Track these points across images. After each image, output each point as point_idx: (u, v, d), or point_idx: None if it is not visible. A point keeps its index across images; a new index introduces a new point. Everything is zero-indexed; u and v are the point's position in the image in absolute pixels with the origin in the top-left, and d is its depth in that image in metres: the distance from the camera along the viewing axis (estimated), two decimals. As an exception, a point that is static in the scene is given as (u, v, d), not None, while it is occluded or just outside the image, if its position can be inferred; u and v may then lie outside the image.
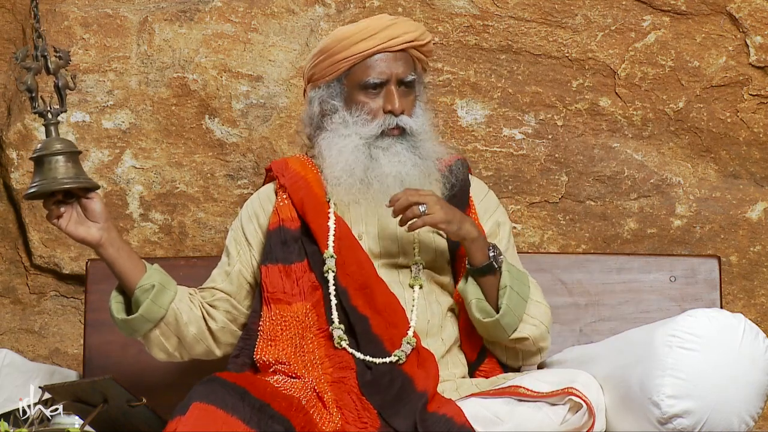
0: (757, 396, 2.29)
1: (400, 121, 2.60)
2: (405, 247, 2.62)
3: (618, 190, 3.33)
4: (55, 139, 2.49)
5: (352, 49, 2.61)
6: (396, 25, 2.63)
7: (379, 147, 2.59)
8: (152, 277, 2.57)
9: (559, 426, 2.33)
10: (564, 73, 3.31)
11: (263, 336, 2.57)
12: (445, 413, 2.34)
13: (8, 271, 3.49)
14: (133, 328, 2.59)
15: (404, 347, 2.50)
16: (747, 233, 3.32)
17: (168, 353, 2.64)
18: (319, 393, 2.42)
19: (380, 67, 2.60)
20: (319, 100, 2.66)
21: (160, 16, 3.36)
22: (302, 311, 2.57)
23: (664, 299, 3.00)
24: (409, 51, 2.64)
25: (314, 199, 2.64)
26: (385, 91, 2.61)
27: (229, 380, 2.27)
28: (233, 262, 2.69)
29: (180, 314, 2.59)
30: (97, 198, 2.52)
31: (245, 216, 2.74)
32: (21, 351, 3.39)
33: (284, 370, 2.50)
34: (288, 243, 2.63)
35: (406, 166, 2.59)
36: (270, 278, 2.61)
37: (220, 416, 2.20)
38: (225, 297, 2.67)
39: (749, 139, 3.30)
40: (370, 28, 2.62)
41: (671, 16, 3.28)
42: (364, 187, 2.59)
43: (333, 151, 2.62)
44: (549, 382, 2.38)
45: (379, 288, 2.56)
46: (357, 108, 2.61)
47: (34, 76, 2.49)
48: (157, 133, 3.36)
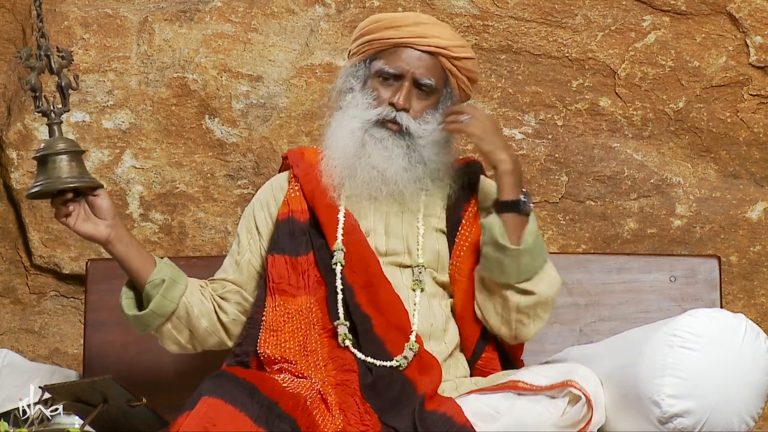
0: (757, 396, 2.29)
1: (398, 116, 2.57)
2: (410, 247, 2.61)
3: (618, 190, 3.33)
4: (58, 139, 2.49)
5: (380, 34, 2.60)
6: (428, 26, 2.61)
7: (372, 135, 2.57)
8: (162, 271, 2.57)
9: (559, 419, 2.33)
10: (564, 73, 3.31)
11: (266, 326, 2.56)
12: (445, 412, 2.34)
13: (8, 271, 3.49)
14: (144, 323, 2.59)
15: (406, 353, 2.49)
16: (747, 233, 3.32)
17: (181, 345, 2.64)
18: (323, 395, 2.42)
19: (400, 59, 2.59)
20: (345, 77, 2.66)
21: (160, 16, 3.36)
22: (306, 305, 2.56)
23: (664, 299, 3.00)
24: (440, 58, 2.60)
25: (325, 192, 2.62)
26: (399, 85, 2.59)
27: (239, 376, 2.27)
28: (243, 251, 2.69)
29: (191, 307, 2.59)
30: (104, 195, 2.52)
31: (257, 204, 2.73)
32: (21, 351, 3.38)
33: (291, 369, 2.50)
34: (296, 235, 2.62)
35: (393, 165, 2.56)
36: (276, 269, 2.60)
37: (229, 411, 2.20)
38: (236, 289, 2.67)
39: (749, 139, 3.30)
40: (401, 19, 2.62)
41: (671, 16, 3.28)
42: (351, 173, 2.58)
43: (335, 130, 2.61)
44: (547, 376, 2.38)
45: (384, 287, 2.55)
46: (368, 92, 2.60)
47: (37, 75, 2.49)
48: (157, 133, 3.36)
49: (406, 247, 2.61)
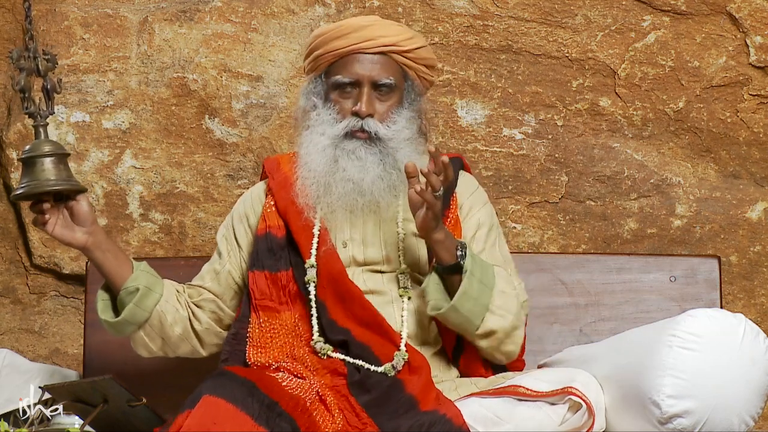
0: (757, 396, 2.29)
1: (365, 124, 2.55)
2: (389, 254, 2.60)
3: (618, 190, 3.33)
4: (44, 141, 2.49)
5: (327, 47, 2.60)
6: (372, 27, 2.60)
7: (344, 149, 2.55)
8: (137, 279, 2.57)
9: (559, 426, 2.33)
10: (564, 73, 3.31)
11: (252, 342, 2.56)
12: (444, 413, 2.34)
13: (8, 271, 3.49)
14: (117, 330, 2.61)
15: (396, 361, 2.47)
16: (747, 233, 3.32)
17: (152, 352, 2.66)
18: (321, 395, 2.42)
19: (353, 67, 2.58)
20: (305, 95, 2.65)
21: (160, 16, 3.36)
22: (291, 321, 2.56)
23: (664, 299, 3.00)
24: (392, 56, 2.59)
25: (298, 208, 2.60)
26: (358, 92, 2.58)
27: (239, 375, 2.28)
28: (223, 262, 2.69)
29: (165, 316, 2.60)
30: (84, 200, 2.53)
31: (236, 216, 2.73)
32: (21, 351, 3.39)
33: (289, 368, 2.50)
34: (275, 251, 2.61)
35: (369, 174, 2.54)
36: (257, 285, 2.60)
37: (230, 410, 2.20)
38: (212, 297, 2.67)
39: (749, 139, 3.30)
40: (344, 28, 2.60)
41: (671, 16, 3.28)
42: (325, 190, 2.56)
43: (305, 149, 2.60)
44: (548, 381, 2.37)
45: (357, 300, 2.52)
46: (330, 107, 2.59)
47: (27, 76, 2.49)
48: (157, 133, 3.36)
49: (385, 254, 2.59)
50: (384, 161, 2.55)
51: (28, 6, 2.55)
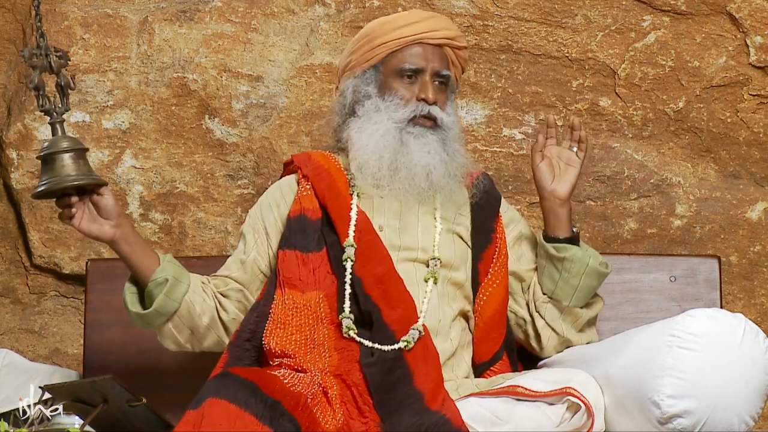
0: (757, 396, 2.29)
1: (432, 110, 2.61)
2: (424, 243, 2.62)
3: (618, 190, 3.33)
4: (62, 137, 2.49)
5: (394, 34, 2.64)
6: (436, 18, 2.69)
7: (411, 133, 2.61)
8: (166, 270, 2.57)
9: (558, 426, 2.33)
10: (564, 73, 3.31)
11: (273, 318, 2.57)
12: (444, 414, 2.34)
13: (8, 271, 3.49)
14: (147, 322, 2.60)
15: (411, 333, 2.49)
16: (747, 233, 3.32)
17: (179, 345, 2.65)
18: (324, 387, 2.42)
19: (418, 55, 2.63)
20: (353, 88, 2.68)
21: (160, 16, 3.36)
22: (315, 300, 2.56)
23: (664, 299, 2.99)
24: (446, 50, 2.67)
25: (336, 191, 2.65)
26: (420, 81, 2.63)
27: (241, 376, 2.28)
28: (249, 250, 2.69)
29: (193, 306, 2.60)
30: (108, 194, 2.53)
31: (265, 204, 2.74)
32: (21, 351, 3.39)
33: (290, 363, 2.50)
34: (308, 232, 2.63)
35: (435, 159, 2.60)
36: (287, 263, 2.61)
37: (234, 411, 2.20)
38: (238, 287, 2.67)
39: (749, 139, 3.30)
40: (411, 16, 2.68)
41: (671, 16, 3.28)
42: (391, 173, 2.60)
43: (363, 136, 2.63)
44: (547, 381, 2.38)
45: (396, 284, 2.55)
46: (391, 94, 2.63)
47: (40, 74, 2.49)
48: (157, 133, 3.36)
49: (420, 243, 2.62)
50: (446, 149, 2.62)
51: (37, 4, 2.55)
